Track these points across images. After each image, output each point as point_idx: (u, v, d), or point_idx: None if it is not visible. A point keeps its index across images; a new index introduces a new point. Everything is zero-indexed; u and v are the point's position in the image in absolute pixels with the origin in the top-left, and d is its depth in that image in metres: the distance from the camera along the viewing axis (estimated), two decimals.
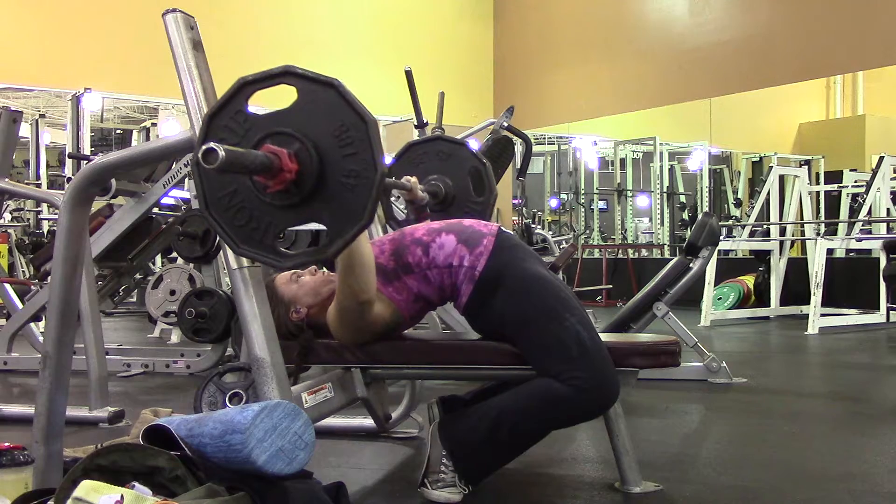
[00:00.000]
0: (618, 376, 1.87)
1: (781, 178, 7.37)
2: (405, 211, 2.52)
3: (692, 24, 8.84)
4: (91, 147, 8.75)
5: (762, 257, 7.22)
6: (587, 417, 1.92)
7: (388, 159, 2.69)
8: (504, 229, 2.04)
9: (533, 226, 8.61)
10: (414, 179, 2.39)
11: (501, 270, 1.92)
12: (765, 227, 7.42)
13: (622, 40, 9.63)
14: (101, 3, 8.45)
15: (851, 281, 7.10)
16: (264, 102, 1.46)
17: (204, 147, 1.25)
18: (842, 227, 7.51)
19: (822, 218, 8.84)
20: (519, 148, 5.54)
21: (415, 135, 4.33)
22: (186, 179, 4.17)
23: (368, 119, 1.37)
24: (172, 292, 4.14)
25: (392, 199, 2.97)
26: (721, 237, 5.04)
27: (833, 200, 8.99)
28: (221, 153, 1.24)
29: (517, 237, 2.11)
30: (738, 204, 10.14)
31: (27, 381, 3.91)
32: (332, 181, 1.38)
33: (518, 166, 5.62)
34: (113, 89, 8.79)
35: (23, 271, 6.83)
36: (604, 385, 1.84)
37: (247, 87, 1.44)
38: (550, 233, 8.95)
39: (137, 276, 5.30)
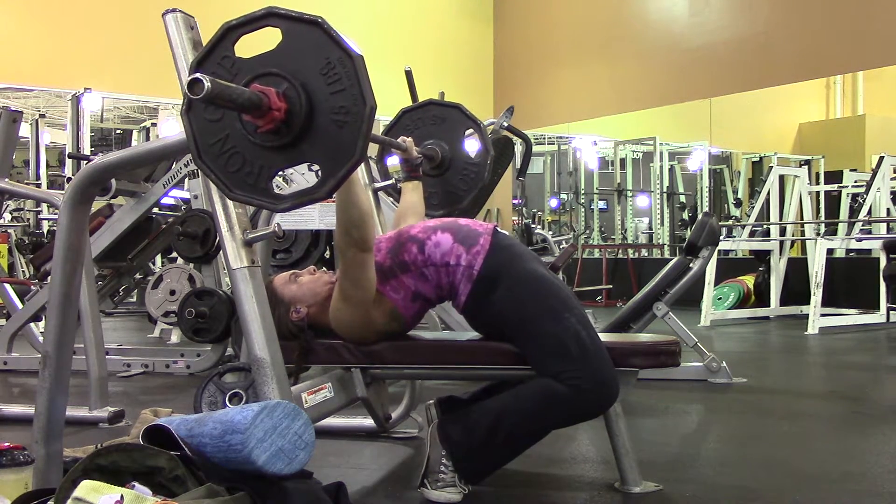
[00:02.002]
0: (617, 376, 1.87)
1: (781, 178, 7.36)
2: (399, 180, 2.51)
3: (692, 24, 8.84)
4: (91, 147, 8.75)
5: (762, 257, 7.22)
6: (587, 417, 1.92)
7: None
8: (499, 229, 2.04)
9: (533, 226, 8.61)
10: (410, 140, 2.40)
11: (499, 269, 1.93)
12: (765, 227, 7.42)
13: (622, 40, 9.63)
14: (101, 3, 8.45)
15: (851, 281, 7.10)
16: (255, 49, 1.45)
17: (189, 77, 1.24)
18: (842, 227, 7.51)
19: (822, 218, 8.84)
20: (519, 148, 5.54)
21: None
22: (186, 179, 4.17)
23: (354, 54, 1.35)
24: (172, 292, 4.14)
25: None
26: (721, 237, 5.04)
27: (833, 200, 8.99)
28: (207, 84, 1.22)
29: (512, 236, 2.11)
30: (738, 204, 10.14)
31: (27, 381, 3.91)
32: (321, 119, 1.37)
33: (518, 166, 5.63)
34: (113, 89, 8.79)
35: (23, 271, 6.83)
36: (603, 385, 1.84)
37: (231, 31, 1.42)
38: (550, 233, 8.95)
39: (137, 276, 5.30)
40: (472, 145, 2.61)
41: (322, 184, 1.38)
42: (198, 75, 1.23)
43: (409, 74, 4.04)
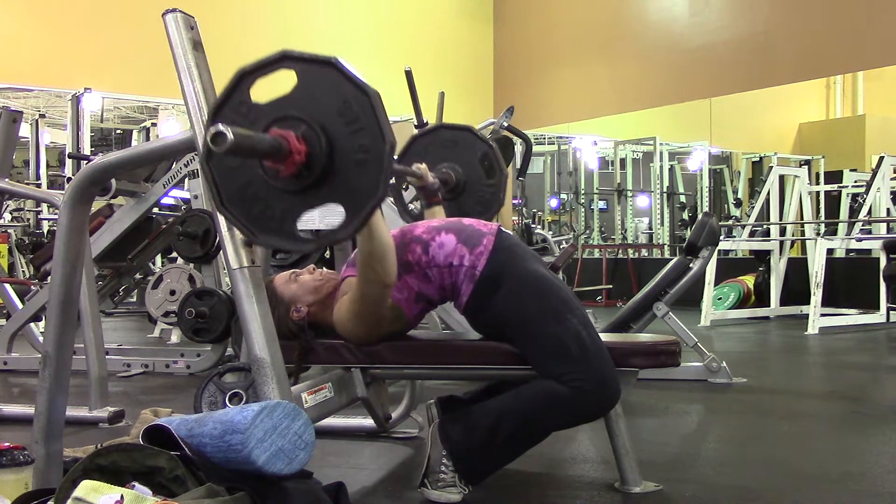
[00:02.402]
0: (618, 377, 1.87)
1: (781, 178, 7.36)
2: (417, 206, 2.51)
3: (692, 24, 8.84)
4: (91, 147, 8.75)
5: (762, 257, 7.22)
6: (588, 419, 1.92)
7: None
8: (503, 229, 2.04)
9: (533, 226, 8.62)
10: (424, 166, 2.39)
11: (502, 270, 1.92)
12: (765, 227, 7.42)
13: (622, 40, 9.63)
14: (101, 3, 8.45)
15: (851, 281, 7.10)
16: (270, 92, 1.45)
17: (212, 130, 1.24)
18: (842, 227, 7.51)
19: (822, 218, 8.84)
20: (519, 148, 5.55)
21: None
22: (186, 179, 4.17)
23: (370, 91, 1.36)
24: (172, 292, 4.14)
25: (403, 189, 2.96)
26: (721, 237, 5.04)
27: (833, 200, 8.99)
28: (230, 135, 1.23)
29: (516, 237, 2.11)
30: (738, 204, 10.14)
31: (27, 381, 3.91)
32: (342, 159, 1.37)
33: (518, 166, 5.63)
34: (113, 89, 8.79)
35: (23, 271, 6.83)
36: (604, 386, 1.84)
37: (247, 76, 1.43)
38: (550, 233, 8.95)
39: (137, 276, 5.30)
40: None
41: (346, 224, 1.38)
42: (220, 128, 1.23)
43: (409, 74, 4.04)
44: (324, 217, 1.39)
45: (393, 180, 2.72)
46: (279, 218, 1.42)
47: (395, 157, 2.65)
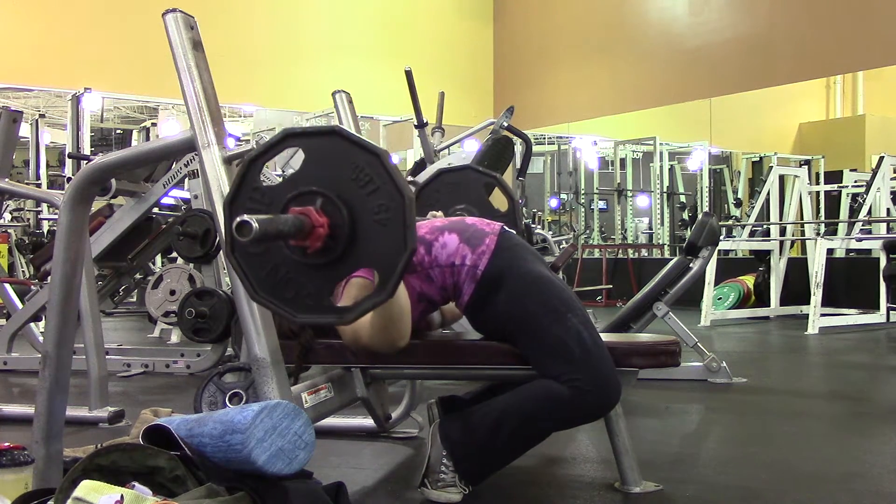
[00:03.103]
0: (619, 378, 1.87)
1: (781, 178, 7.36)
2: None
3: (692, 24, 8.85)
4: (91, 147, 8.75)
5: (762, 257, 7.22)
6: (588, 419, 1.91)
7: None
8: (507, 228, 2.04)
9: (533, 226, 8.59)
10: (440, 213, 2.39)
11: (503, 270, 1.92)
12: (765, 227, 7.42)
13: (622, 40, 9.63)
14: (101, 3, 8.45)
15: (851, 281, 7.10)
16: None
17: (237, 220, 1.25)
18: (842, 227, 7.51)
19: (822, 218, 8.84)
20: (519, 148, 5.53)
21: (415, 134, 4.34)
22: (186, 179, 4.17)
23: (379, 152, 1.38)
24: (172, 292, 4.14)
25: None
26: (721, 237, 5.05)
27: (833, 200, 8.99)
28: (255, 224, 1.24)
29: (519, 237, 2.11)
30: (738, 204, 10.14)
31: (27, 381, 3.91)
32: (364, 223, 1.39)
33: (518, 166, 5.62)
34: (113, 89, 8.79)
35: (23, 271, 6.83)
36: (605, 387, 1.83)
37: (254, 163, 1.44)
38: (550, 233, 8.93)
39: (137, 276, 5.30)
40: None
41: (383, 285, 1.39)
42: (245, 218, 1.24)
43: (409, 74, 4.04)
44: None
45: None
46: (315, 295, 1.43)
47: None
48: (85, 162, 5.68)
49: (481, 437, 1.86)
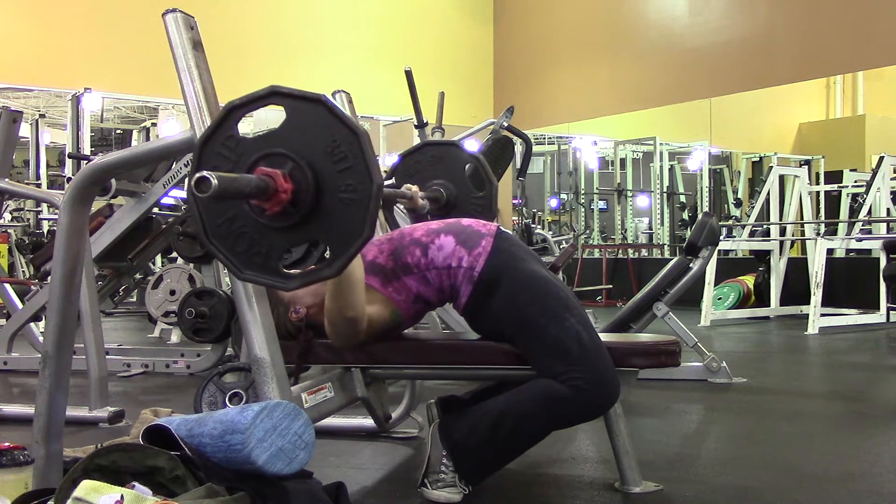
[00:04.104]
0: (618, 377, 1.87)
1: (781, 178, 7.36)
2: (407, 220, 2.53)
3: (692, 24, 8.84)
4: (91, 147, 8.75)
5: (762, 257, 7.22)
6: (588, 418, 1.91)
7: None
8: (503, 229, 2.04)
9: (533, 226, 8.61)
10: (415, 188, 2.39)
11: (500, 271, 1.92)
12: (765, 227, 7.42)
13: (622, 40, 9.63)
14: (101, 3, 8.45)
15: (851, 281, 7.10)
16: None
17: (196, 175, 1.25)
18: (842, 227, 7.51)
19: (822, 218, 8.84)
20: (519, 148, 5.54)
21: (415, 135, 4.34)
22: (186, 179, 4.16)
23: (359, 131, 1.36)
24: (172, 292, 4.14)
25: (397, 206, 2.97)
26: (721, 237, 5.05)
27: (833, 200, 8.99)
28: (214, 181, 1.23)
29: (516, 237, 2.11)
30: (738, 204, 10.14)
31: (27, 381, 3.91)
32: (329, 198, 1.38)
33: (518, 166, 5.62)
34: (113, 89, 8.79)
35: (23, 271, 6.83)
36: (604, 385, 1.84)
37: (234, 111, 1.43)
38: (550, 233, 8.95)
39: (137, 276, 5.30)
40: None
41: (331, 263, 1.38)
42: (204, 173, 1.24)
43: (409, 74, 4.04)
44: None
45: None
46: (265, 254, 1.43)
47: (385, 176, 2.67)
48: (85, 162, 5.68)
49: (481, 437, 1.86)
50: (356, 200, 1.36)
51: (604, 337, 1.94)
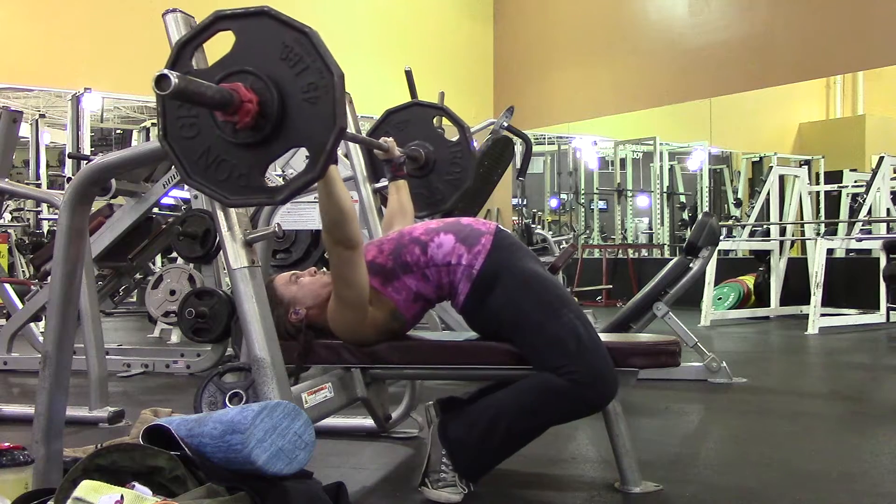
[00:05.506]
0: (616, 371, 1.88)
1: (781, 178, 7.37)
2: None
3: (692, 24, 8.84)
4: (91, 147, 8.75)
5: (762, 257, 7.22)
6: (586, 412, 1.91)
7: None
8: (502, 228, 2.04)
9: (533, 226, 8.60)
10: (391, 140, 2.40)
11: (499, 269, 1.93)
12: (765, 227, 7.42)
13: (622, 40, 9.62)
14: (101, 3, 8.45)
15: (851, 281, 7.10)
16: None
17: (155, 74, 1.24)
18: (842, 227, 7.51)
19: (822, 218, 8.84)
20: (519, 148, 5.54)
21: None
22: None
23: (309, 31, 1.36)
24: (172, 292, 4.14)
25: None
26: (721, 237, 5.04)
27: (833, 200, 8.99)
28: (174, 79, 1.23)
29: (515, 236, 2.11)
30: (738, 204, 10.14)
31: (27, 381, 3.91)
32: (294, 102, 1.38)
33: (518, 166, 5.63)
34: (113, 89, 8.78)
35: (23, 271, 6.83)
36: (601, 379, 1.84)
37: (185, 47, 1.43)
38: (550, 233, 8.94)
39: (137, 276, 5.30)
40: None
41: (314, 163, 1.38)
42: (165, 71, 1.23)
43: (409, 74, 4.04)
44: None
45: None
46: (247, 175, 1.42)
47: (369, 131, 2.67)
48: (85, 162, 5.68)
49: (480, 432, 1.87)
50: (320, 97, 1.36)
51: (604, 337, 1.94)
